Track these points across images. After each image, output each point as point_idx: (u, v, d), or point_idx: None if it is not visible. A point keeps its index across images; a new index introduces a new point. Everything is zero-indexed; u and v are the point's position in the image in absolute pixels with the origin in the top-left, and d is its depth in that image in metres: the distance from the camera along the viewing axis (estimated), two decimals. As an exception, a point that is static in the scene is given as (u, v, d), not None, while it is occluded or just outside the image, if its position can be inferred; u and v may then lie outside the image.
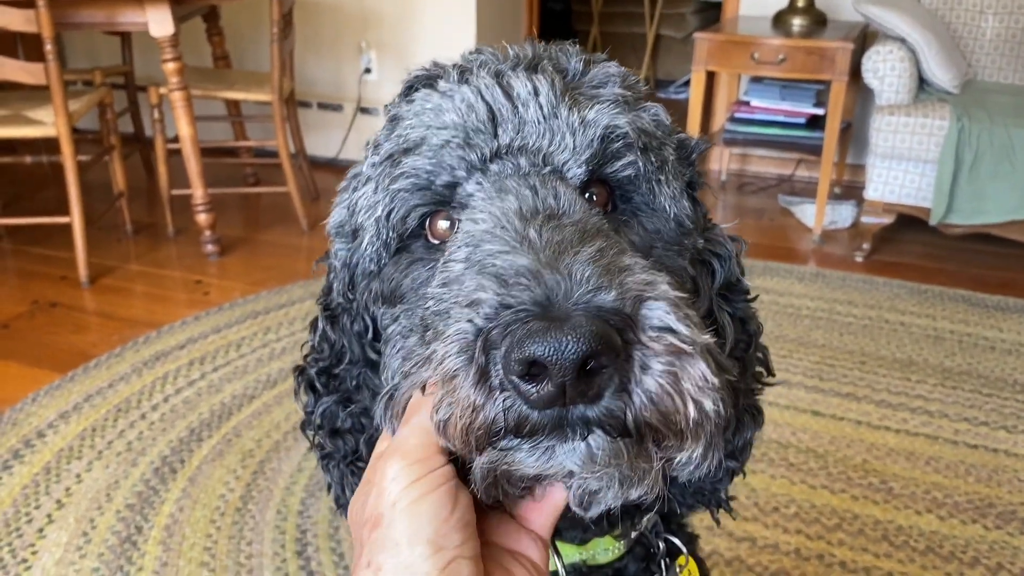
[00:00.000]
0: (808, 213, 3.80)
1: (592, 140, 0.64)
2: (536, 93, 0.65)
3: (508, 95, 0.65)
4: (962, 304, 3.08)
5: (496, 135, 0.64)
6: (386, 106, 0.74)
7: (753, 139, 3.89)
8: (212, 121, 4.21)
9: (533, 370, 0.50)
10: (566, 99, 0.65)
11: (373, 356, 0.76)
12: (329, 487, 0.82)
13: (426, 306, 0.62)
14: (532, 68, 0.68)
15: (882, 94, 3.32)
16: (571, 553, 0.77)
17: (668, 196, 0.68)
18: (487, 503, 0.60)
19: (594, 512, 0.60)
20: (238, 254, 3.56)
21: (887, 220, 3.44)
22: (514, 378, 0.51)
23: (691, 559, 0.85)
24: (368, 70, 4.43)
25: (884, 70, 3.29)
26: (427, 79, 0.70)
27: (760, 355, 0.81)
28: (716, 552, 1.92)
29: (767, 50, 3.48)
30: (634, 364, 0.51)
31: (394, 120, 0.70)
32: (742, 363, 0.76)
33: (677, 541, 0.83)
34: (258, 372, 2.62)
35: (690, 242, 0.70)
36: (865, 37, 3.72)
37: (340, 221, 0.74)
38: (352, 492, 0.76)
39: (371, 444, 0.75)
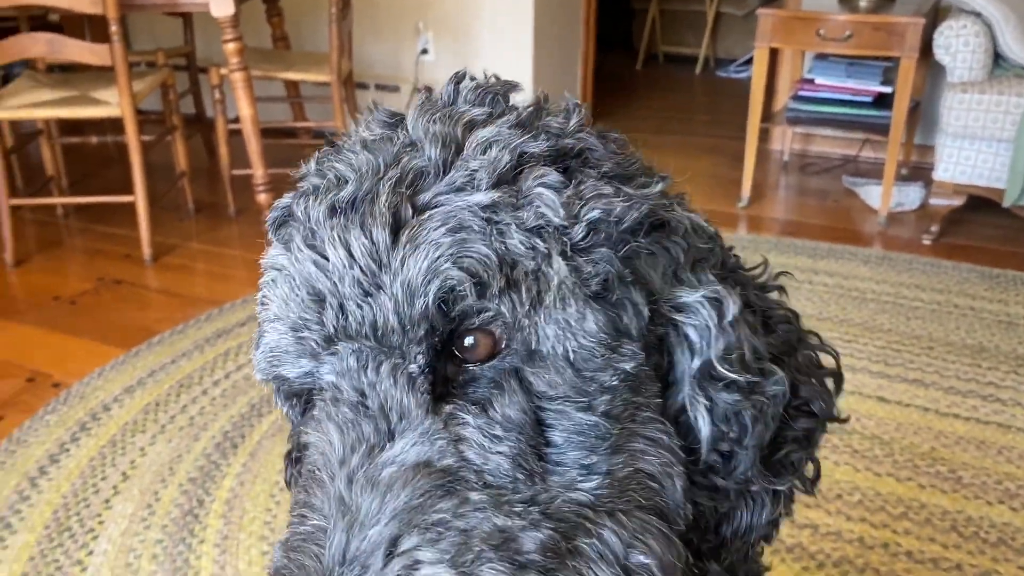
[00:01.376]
0: (874, 194, 3.70)
1: (425, 311, 0.53)
2: (352, 261, 0.53)
3: (323, 269, 0.54)
4: (1036, 289, 2.96)
5: (323, 321, 0.55)
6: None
7: (817, 118, 3.78)
8: (272, 102, 4.25)
9: None
10: (396, 251, 0.53)
11: None
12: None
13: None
14: (370, 198, 0.55)
15: (954, 71, 3.20)
16: None
17: (556, 335, 0.54)
18: None
19: None
20: (296, 234, 3.59)
21: (957, 202, 3.32)
22: None
23: None
24: (425, 51, 4.42)
25: (957, 46, 3.17)
26: (289, 212, 0.61)
27: (797, 407, 0.65)
28: (777, 539, 1.88)
29: (833, 26, 3.38)
30: None
31: (265, 261, 0.62)
32: (730, 458, 0.62)
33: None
34: (316, 350, 2.64)
35: (609, 375, 0.55)
36: (937, 12, 3.59)
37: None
38: None
39: None
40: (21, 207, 3.60)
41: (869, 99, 3.67)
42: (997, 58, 3.28)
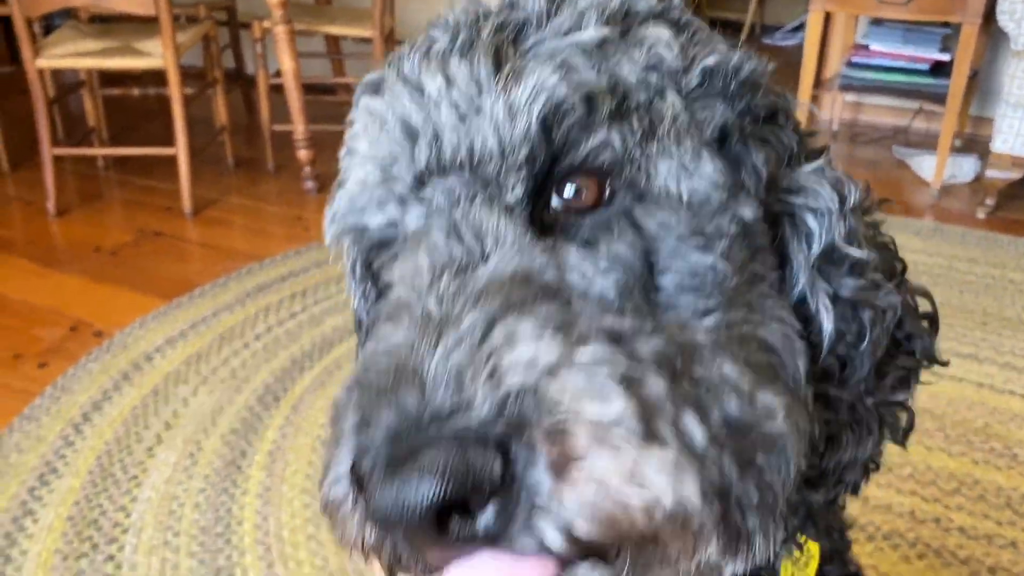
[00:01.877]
0: (926, 166, 3.60)
1: (528, 131, 0.48)
2: (449, 86, 0.50)
3: (417, 99, 0.51)
4: (1095, 266, 2.87)
5: (413, 156, 0.51)
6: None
7: (871, 86, 3.68)
8: (311, 58, 4.21)
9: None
10: (496, 79, 0.49)
11: None
12: None
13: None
14: (468, 44, 0.51)
15: (1019, 38, 3.08)
16: None
17: (672, 171, 0.50)
18: None
19: None
20: (336, 191, 3.56)
21: (1015, 175, 3.22)
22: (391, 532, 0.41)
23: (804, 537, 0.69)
24: (467, 8, 4.35)
25: (1022, 12, 3.05)
26: (373, 86, 0.57)
27: (900, 339, 0.60)
28: (826, 510, 1.84)
29: (893, -11, 3.27)
30: (538, 471, 0.39)
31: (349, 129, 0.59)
32: (846, 364, 0.57)
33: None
34: (357, 307, 2.63)
35: (729, 218, 0.51)
36: (1000, -23, 3.46)
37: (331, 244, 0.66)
38: None
39: None
40: (63, 157, 3.60)
41: (926, 67, 3.56)
42: (1063, 26, 3.15)
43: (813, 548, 0.71)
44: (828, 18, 4.00)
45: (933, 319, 0.64)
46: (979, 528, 1.81)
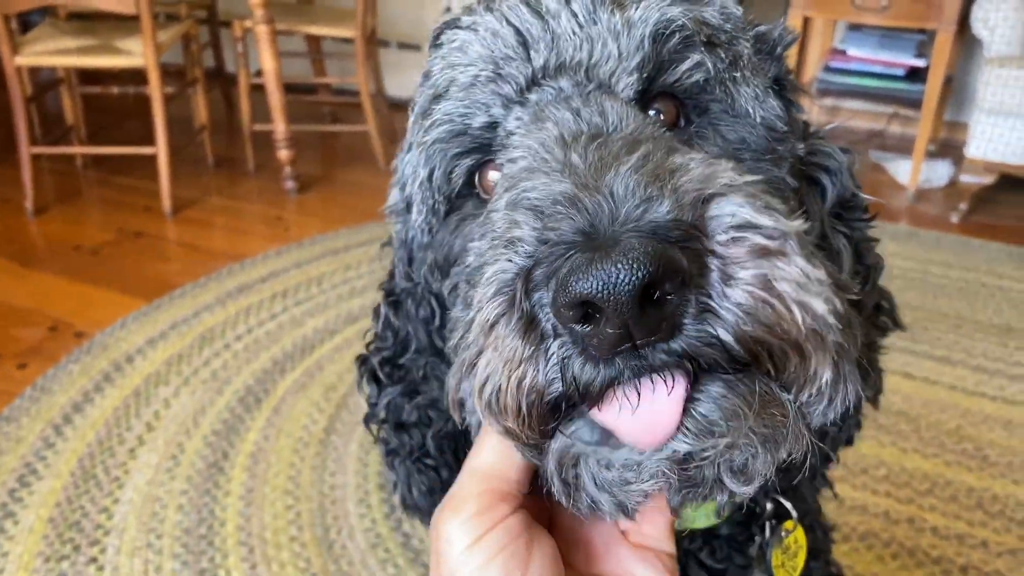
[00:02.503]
0: (902, 170, 3.65)
1: (642, 41, 0.55)
2: (568, 1, 0.56)
3: (536, 11, 0.56)
4: (1065, 270, 2.93)
5: (529, 59, 0.56)
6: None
7: (848, 90, 3.73)
8: (292, 58, 4.20)
9: (589, 312, 0.41)
10: (613, 4, 0.56)
11: (440, 344, 0.69)
12: (395, 486, 0.74)
13: (466, 263, 0.54)
14: None
15: (992, 45, 3.14)
16: None
17: (750, 96, 0.58)
18: (582, 515, 0.49)
19: (748, 491, 0.48)
20: (317, 191, 3.56)
21: (988, 180, 3.28)
22: (569, 324, 0.42)
23: (799, 527, 0.76)
24: (448, 9, 4.36)
25: (996, 19, 3.10)
26: (455, 21, 0.61)
27: (884, 301, 0.72)
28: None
29: (869, -4, 3.31)
30: (711, 277, 0.42)
31: (426, 75, 0.62)
32: (856, 306, 0.62)
33: (788, 504, 0.74)
34: (339, 308, 2.64)
35: (786, 149, 0.60)
36: (974, -15, 3.52)
37: (395, 200, 0.68)
38: (419, 492, 0.71)
39: (439, 439, 0.70)
40: (41, 156, 3.57)
41: (902, 72, 3.62)
42: (1035, 34, 3.21)
43: (801, 539, 0.76)
44: (807, 23, 4.04)
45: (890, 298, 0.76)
46: (951, 528, 1.84)
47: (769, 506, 0.74)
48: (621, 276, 0.40)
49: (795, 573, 0.75)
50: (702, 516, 0.68)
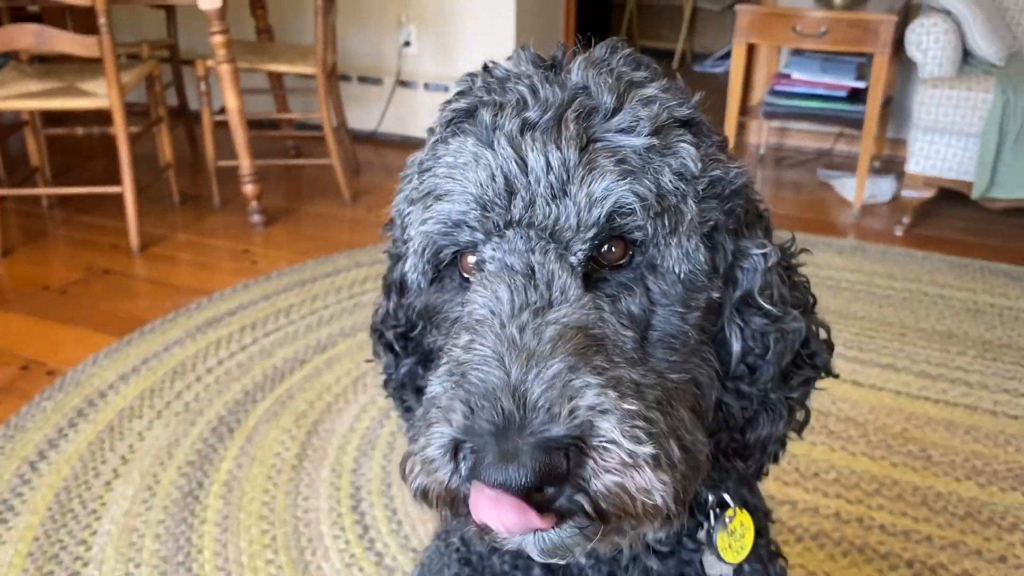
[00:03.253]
0: (847, 187, 3.80)
1: (599, 218, 0.67)
2: (548, 168, 0.67)
3: (523, 169, 0.67)
4: (1003, 278, 3.08)
5: (510, 208, 0.68)
6: (430, 128, 0.78)
7: (793, 112, 3.89)
8: (254, 94, 4.27)
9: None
10: (579, 169, 0.67)
11: None
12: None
13: (445, 371, 0.68)
14: (557, 122, 0.68)
15: (925, 67, 3.31)
16: None
17: (678, 257, 0.70)
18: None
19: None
20: (283, 225, 3.63)
21: (928, 194, 3.43)
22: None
23: (742, 511, 0.87)
24: (407, 43, 4.47)
25: (928, 42, 3.27)
26: (467, 113, 0.73)
27: (816, 347, 0.82)
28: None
29: (809, 22, 3.48)
30: (587, 471, 0.60)
31: (435, 150, 0.74)
32: (755, 369, 0.78)
33: (727, 496, 0.85)
34: (308, 338, 2.70)
35: (703, 296, 0.72)
36: (908, 9, 3.70)
37: (401, 211, 0.79)
38: None
39: None
40: (6, 197, 3.60)
41: (843, 94, 3.78)
42: (966, 55, 3.39)
43: (748, 522, 0.87)
44: (752, 49, 4.21)
45: (830, 343, 0.87)
46: (898, 525, 1.95)
47: (711, 497, 0.85)
48: (516, 479, 0.58)
49: (744, 552, 0.87)
50: None
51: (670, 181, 0.69)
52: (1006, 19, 3.59)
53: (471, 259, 0.72)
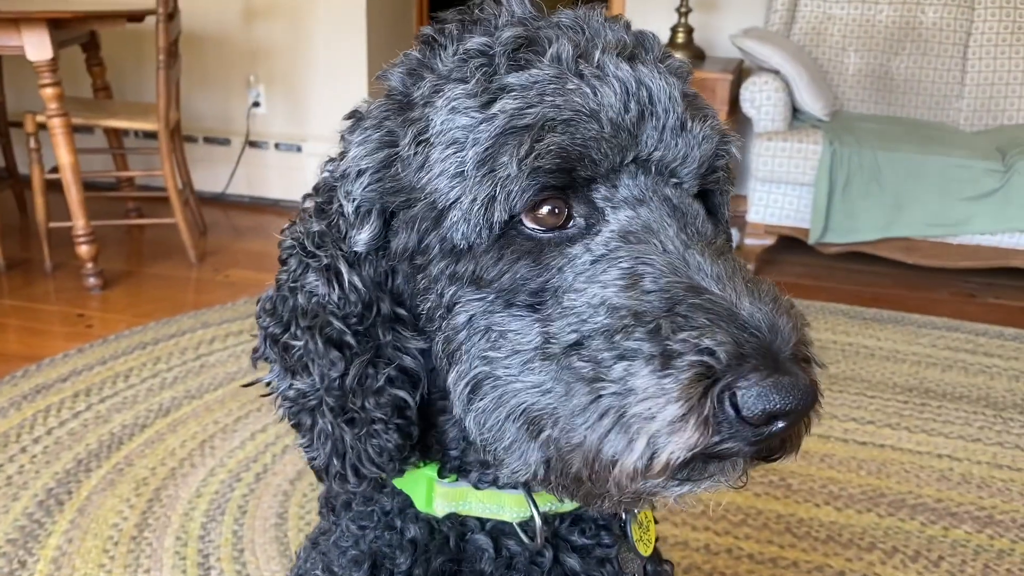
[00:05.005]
0: (695, 238, 3.94)
1: (708, 156, 0.67)
2: (672, 99, 0.64)
3: (651, 98, 0.64)
4: (842, 317, 3.25)
5: (637, 141, 0.63)
6: (429, 48, 0.69)
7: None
8: (91, 154, 4.05)
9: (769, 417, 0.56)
10: (688, 106, 0.66)
11: (400, 311, 0.71)
12: (343, 457, 0.73)
13: (574, 318, 0.60)
14: (635, 57, 0.66)
15: (760, 122, 3.51)
16: (543, 502, 0.77)
17: (725, 205, 0.73)
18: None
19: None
20: (123, 287, 3.41)
21: (769, 241, 3.61)
22: (746, 426, 0.55)
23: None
24: (257, 103, 4.37)
25: (761, 100, 3.48)
26: (529, 43, 0.65)
27: None
28: (629, 552, 1.93)
29: (652, 81, 3.63)
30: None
31: (491, 80, 0.64)
32: None
33: None
34: (149, 401, 2.51)
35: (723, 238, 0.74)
36: (741, 72, 3.93)
37: (369, 167, 0.69)
38: (375, 455, 0.72)
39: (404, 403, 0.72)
40: None
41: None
42: (795, 112, 3.62)
43: (649, 514, 0.88)
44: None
45: None
46: (765, 553, 1.96)
47: None
48: (806, 399, 0.55)
49: (651, 544, 0.85)
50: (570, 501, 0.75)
51: (734, 148, 0.71)
52: (827, 80, 3.88)
53: (545, 209, 0.63)
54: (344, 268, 0.70)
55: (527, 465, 0.64)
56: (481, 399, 0.64)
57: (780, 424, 0.55)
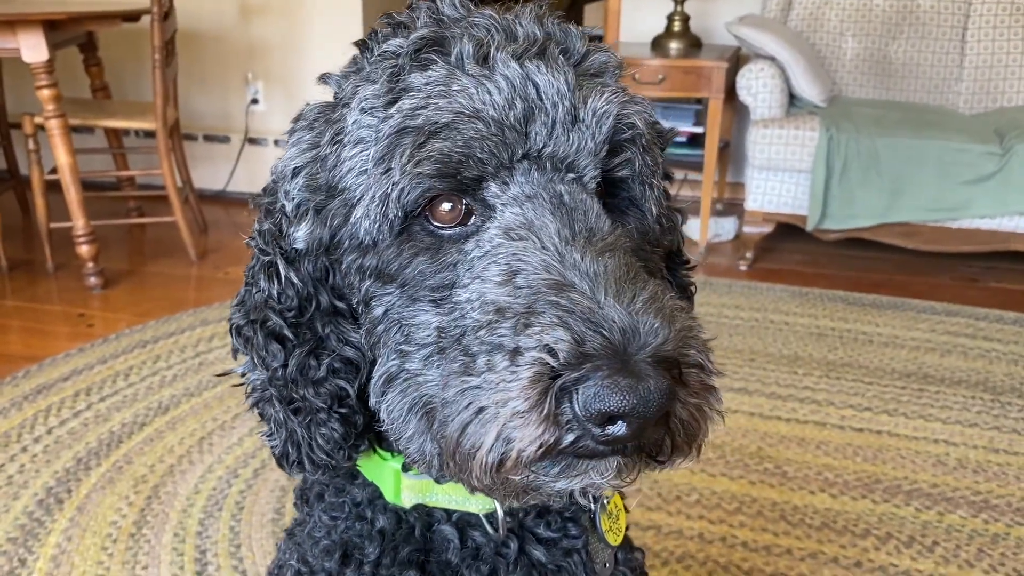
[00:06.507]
0: (694, 228, 3.94)
1: (607, 136, 0.65)
2: (560, 93, 0.64)
3: (539, 93, 0.64)
4: (840, 304, 3.24)
5: (527, 137, 0.64)
6: (360, 51, 0.71)
7: (639, 158, 4.01)
8: (92, 154, 4.07)
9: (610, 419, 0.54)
10: (581, 93, 0.65)
11: (339, 304, 0.73)
12: (296, 446, 0.75)
13: (459, 313, 0.62)
14: (542, 53, 0.66)
15: (756, 109, 3.50)
16: None
17: (654, 199, 0.70)
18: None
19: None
20: (124, 287, 3.43)
21: (767, 229, 3.60)
22: (589, 425, 0.54)
23: (616, 493, 0.86)
24: (255, 100, 4.38)
25: (757, 87, 3.47)
26: (434, 43, 0.67)
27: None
28: (623, 542, 1.94)
29: (647, 70, 3.62)
30: (676, 401, 0.56)
31: (396, 80, 0.66)
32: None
33: None
34: (148, 400, 2.53)
35: (666, 240, 0.74)
36: (738, 59, 3.92)
37: (302, 166, 0.71)
38: (325, 444, 0.73)
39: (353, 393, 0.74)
40: None
41: (683, 139, 3.94)
42: (792, 98, 3.61)
43: (619, 503, 0.88)
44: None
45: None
46: (759, 541, 1.97)
47: None
48: (652, 405, 0.53)
49: (621, 534, 0.86)
50: None
51: (648, 118, 0.69)
52: (824, 66, 3.86)
53: (445, 206, 0.65)
54: (281, 264, 0.72)
55: (424, 456, 0.65)
56: (392, 392, 0.66)
57: (621, 425, 0.54)
